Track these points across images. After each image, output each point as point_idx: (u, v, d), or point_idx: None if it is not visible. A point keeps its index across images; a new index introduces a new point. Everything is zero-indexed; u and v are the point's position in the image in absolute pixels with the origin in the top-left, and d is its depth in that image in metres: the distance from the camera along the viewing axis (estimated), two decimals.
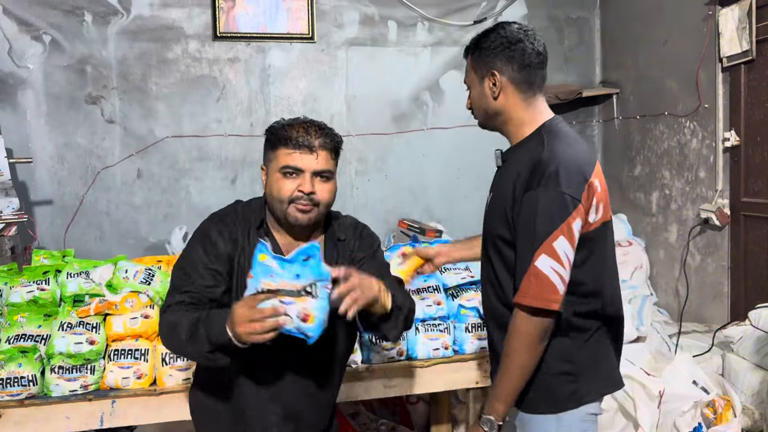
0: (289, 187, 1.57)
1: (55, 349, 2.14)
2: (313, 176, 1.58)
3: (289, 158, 1.57)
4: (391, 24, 3.98)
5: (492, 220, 1.66)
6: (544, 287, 1.48)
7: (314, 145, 1.58)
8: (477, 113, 1.71)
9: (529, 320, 1.50)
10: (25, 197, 3.53)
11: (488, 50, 1.63)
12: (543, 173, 1.51)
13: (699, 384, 2.56)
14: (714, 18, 3.12)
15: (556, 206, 1.49)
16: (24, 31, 3.52)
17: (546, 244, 1.48)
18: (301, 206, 1.57)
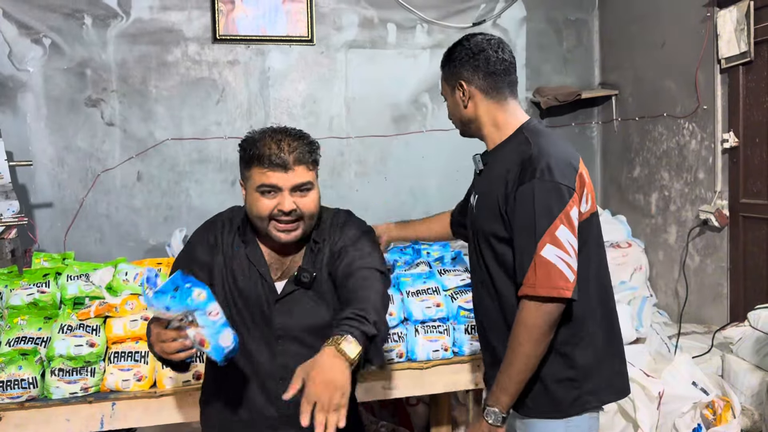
0: (267, 205, 1.53)
1: (56, 351, 2.14)
2: (292, 192, 1.53)
3: (264, 177, 1.52)
4: (390, 26, 3.99)
5: (481, 220, 1.68)
6: (553, 276, 1.49)
7: (288, 161, 1.51)
8: (454, 122, 1.79)
9: (538, 311, 1.51)
10: (25, 200, 3.54)
11: (455, 62, 1.71)
12: (535, 167, 1.54)
13: (698, 385, 2.56)
14: (712, 20, 3.13)
15: (553, 196, 1.52)
16: (24, 34, 3.53)
17: (548, 233, 1.50)
18: (282, 226, 1.54)
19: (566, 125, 4.23)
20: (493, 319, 1.69)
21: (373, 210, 4.00)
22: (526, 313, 1.52)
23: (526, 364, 1.55)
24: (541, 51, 4.20)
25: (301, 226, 1.57)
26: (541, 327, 1.52)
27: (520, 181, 1.55)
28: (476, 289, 1.77)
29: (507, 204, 1.58)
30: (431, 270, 2.64)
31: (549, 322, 1.52)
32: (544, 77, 4.19)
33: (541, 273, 1.49)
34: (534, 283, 1.50)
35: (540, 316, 1.51)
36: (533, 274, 1.51)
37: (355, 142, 3.99)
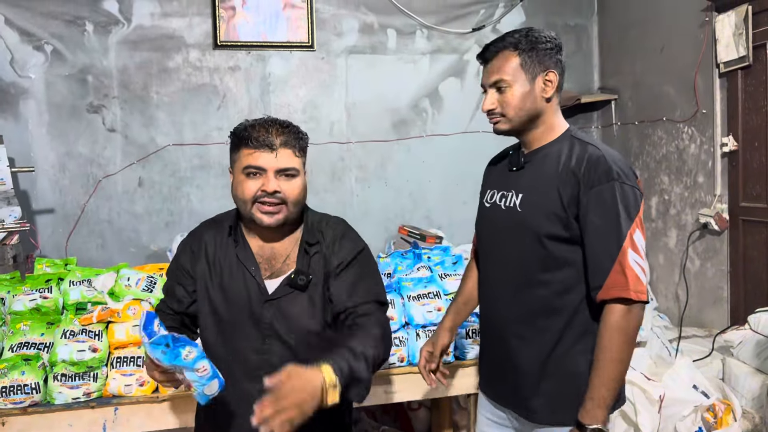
0: (251, 187, 1.55)
1: (58, 356, 2.16)
2: (276, 174, 1.55)
3: (250, 158, 1.54)
4: (390, 32, 4.01)
5: (532, 220, 1.61)
6: (635, 280, 1.49)
7: (275, 143, 1.54)
8: (515, 114, 1.64)
9: (631, 314, 1.50)
10: (27, 206, 3.55)
11: (544, 50, 1.65)
12: (609, 169, 1.53)
13: (699, 388, 2.56)
14: (710, 24, 3.14)
15: (631, 200, 1.52)
16: (26, 41, 3.55)
17: (629, 238, 1.50)
18: (266, 208, 1.55)
19: None
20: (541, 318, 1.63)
21: (374, 215, 4.02)
22: (618, 317, 1.49)
23: (622, 371, 1.52)
24: None
25: (283, 210, 1.57)
26: (635, 330, 1.51)
27: (595, 182, 1.53)
28: (514, 291, 1.67)
29: (577, 204, 1.54)
30: (432, 274, 2.65)
31: (638, 325, 1.51)
32: None
33: (629, 277, 1.48)
34: (624, 286, 1.48)
35: (633, 319, 1.50)
36: (622, 278, 1.49)
37: (355, 147, 4.00)
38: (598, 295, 1.53)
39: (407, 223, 3.91)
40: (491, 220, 1.75)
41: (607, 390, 1.50)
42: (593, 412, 1.50)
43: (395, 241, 3.78)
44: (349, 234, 1.72)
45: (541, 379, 1.64)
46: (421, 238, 3.46)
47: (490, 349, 1.79)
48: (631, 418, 2.57)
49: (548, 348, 1.63)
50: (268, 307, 1.61)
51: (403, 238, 3.63)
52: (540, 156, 1.66)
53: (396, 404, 3.19)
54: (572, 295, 1.60)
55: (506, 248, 1.69)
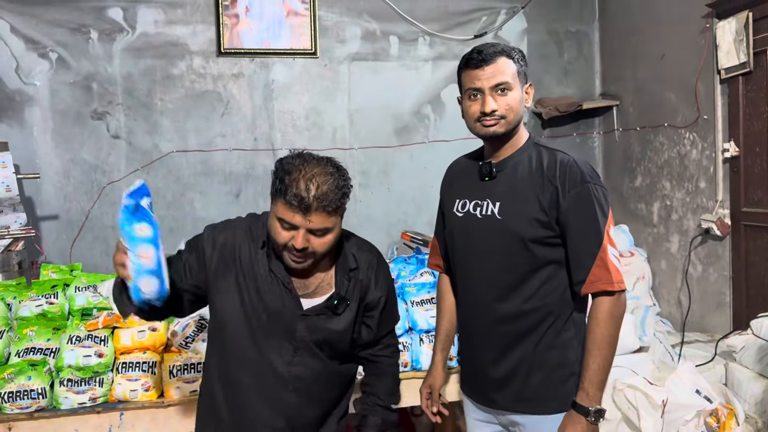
0: (284, 236, 1.53)
1: (64, 362, 2.17)
2: (307, 232, 1.53)
3: (284, 213, 1.51)
4: (393, 39, 4.03)
5: (515, 226, 1.68)
6: (616, 272, 1.62)
7: (311, 207, 1.50)
8: (514, 116, 1.70)
9: (618, 302, 1.63)
10: (32, 212, 3.57)
11: (525, 63, 1.74)
12: (580, 173, 1.64)
13: (702, 393, 2.57)
14: (711, 31, 3.16)
15: (603, 199, 1.65)
16: (31, 48, 3.58)
17: (606, 234, 1.63)
18: (294, 257, 1.55)
19: (568, 135, 4.26)
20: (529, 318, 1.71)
21: (376, 221, 4.03)
22: (609, 307, 1.62)
23: (612, 355, 1.64)
24: (542, 62, 4.23)
25: (310, 258, 1.57)
26: (622, 315, 1.64)
27: (571, 186, 1.63)
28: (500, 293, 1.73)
29: (557, 208, 1.64)
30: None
31: (624, 311, 1.65)
32: (545, 88, 4.22)
33: (611, 270, 1.61)
34: (610, 279, 1.61)
35: (620, 307, 1.63)
36: (605, 272, 1.61)
37: (358, 153, 4.02)
38: (583, 288, 1.64)
39: (410, 228, 3.93)
40: (467, 228, 1.79)
41: (604, 373, 1.62)
42: (594, 395, 1.61)
43: (398, 247, 3.80)
44: (382, 265, 1.78)
45: (529, 373, 1.72)
46: (423, 244, 3.47)
47: (474, 353, 1.84)
48: (635, 423, 2.57)
49: (533, 343, 1.71)
50: (302, 320, 1.63)
51: (406, 243, 3.65)
52: (511, 165, 1.74)
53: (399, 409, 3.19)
54: (555, 292, 1.70)
55: (487, 254, 1.74)
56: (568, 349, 1.71)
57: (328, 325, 1.65)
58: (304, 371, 1.64)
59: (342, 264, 1.69)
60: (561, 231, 1.66)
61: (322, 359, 1.66)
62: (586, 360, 1.63)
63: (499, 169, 1.74)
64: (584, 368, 1.63)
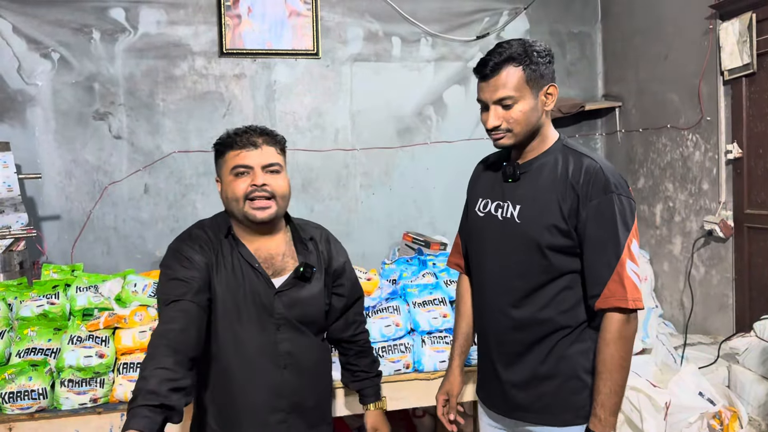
0: (241, 186, 1.67)
1: (65, 362, 2.16)
2: (263, 170, 1.68)
3: (237, 158, 1.68)
4: (395, 40, 4.03)
5: (533, 232, 1.63)
6: (633, 289, 1.55)
7: (258, 142, 1.69)
8: (522, 129, 1.63)
9: (630, 322, 1.55)
10: (34, 212, 3.57)
11: (544, 64, 1.62)
12: (606, 181, 1.57)
13: (705, 395, 2.56)
14: (714, 32, 3.16)
15: (628, 211, 1.57)
16: (33, 48, 3.58)
17: (626, 248, 1.55)
18: (257, 203, 1.67)
19: (570, 137, 4.24)
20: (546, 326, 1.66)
21: (378, 222, 4.02)
22: (619, 326, 1.54)
23: (626, 377, 1.56)
24: None
25: (273, 205, 1.69)
26: (634, 336, 1.56)
27: (594, 195, 1.57)
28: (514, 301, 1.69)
29: (577, 216, 1.58)
30: (437, 280, 2.66)
31: (636, 331, 1.57)
32: None
33: (627, 286, 1.54)
34: (624, 296, 1.53)
35: (632, 327, 1.55)
36: (621, 287, 1.54)
37: (360, 154, 4.02)
38: (597, 303, 1.57)
39: (412, 229, 3.92)
40: (486, 229, 1.75)
41: (617, 397, 1.55)
42: (607, 420, 1.55)
43: (400, 248, 3.79)
44: (333, 237, 1.93)
45: (540, 382, 1.67)
46: (425, 245, 3.47)
47: (488, 357, 1.80)
48: (637, 425, 2.56)
49: (545, 352, 1.66)
50: (278, 298, 1.72)
51: (408, 244, 3.64)
52: (535, 167, 1.68)
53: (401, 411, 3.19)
54: (571, 303, 1.64)
55: (504, 257, 1.70)
56: (582, 360, 1.65)
57: (302, 296, 1.75)
58: (291, 347, 1.73)
59: (297, 236, 1.82)
60: (579, 240, 1.59)
61: (305, 333, 1.77)
62: (597, 384, 1.56)
63: (522, 171, 1.69)
64: (596, 392, 1.56)
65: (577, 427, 1.63)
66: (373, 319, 2.41)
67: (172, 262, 1.69)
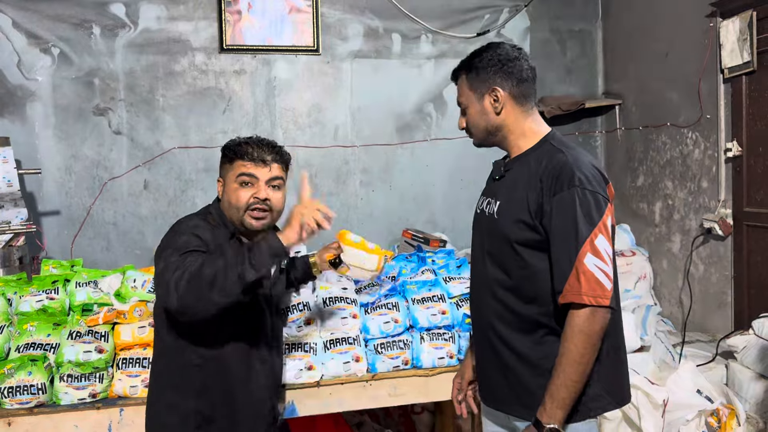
0: (244, 196, 1.78)
1: (64, 357, 2.16)
2: (266, 184, 1.80)
3: (245, 168, 1.78)
4: (395, 36, 4.03)
5: (506, 227, 1.66)
6: (593, 284, 1.52)
7: (268, 160, 1.80)
8: (476, 131, 1.76)
9: (594, 317, 1.52)
10: (33, 208, 3.57)
11: (485, 69, 1.71)
12: (571, 176, 1.57)
13: (703, 393, 2.56)
14: (715, 30, 3.15)
15: (592, 205, 1.55)
16: (33, 44, 3.57)
17: (588, 242, 1.53)
18: (256, 214, 1.78)
19: (570, 134, 4.25)
20: (521, 323, 1.67)
21: (378, 218, 4.03)
22: (582, 320, 1.52)
23: (583, 373, 1.54)
24: (544, 61, 4.22)
25: (268, 217, 1.82)
26: (598, 333, 1.53)
27: (557, 189, 1.57)
28: (491, 298, 1.72)
29: (542, 211, 1.59)
30: (436, 277, 2.66)
31: (604, 328, 1.54)
32: (547, 87, 4.22)
33: (583, 281, 1.52)
34: (578, 290, 1.52)
35: (597, 322, 1.52)
36: (576, 282, 1.52)
37: (359, 151, 4.02)
38: (560, 298, 1.56)
39: (411, 226, 3.93)
40: (478, 226, 1.82)
41: (567, 391, 1.54)
42: (552, 412, 1.54)
43: (399, 245, 3.79)
44: None
45: (524, 377, 1.67)
46: (425, 242, 3.47)
47: (479, 351, 1.83)
48: (635, 422, 2.57)
49: (528, 347, 1.67)
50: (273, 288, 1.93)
51: (407, 241, 3.64)
52: (518, 164, 1.71)
53: (400, 408, 3.20)
54: (546, 300, 1.64)
55: (488, 254, 1.74)
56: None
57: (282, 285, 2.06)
58: (277, 330, 1.99)
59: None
60: (546, 237, 1.60)
61: (282, 318, 2.08)
62: (552, 375, 1.56)
63: (507, 167, 1.74)
64: (549, 382, 1.56)
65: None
66: (372, 315, 2.42)
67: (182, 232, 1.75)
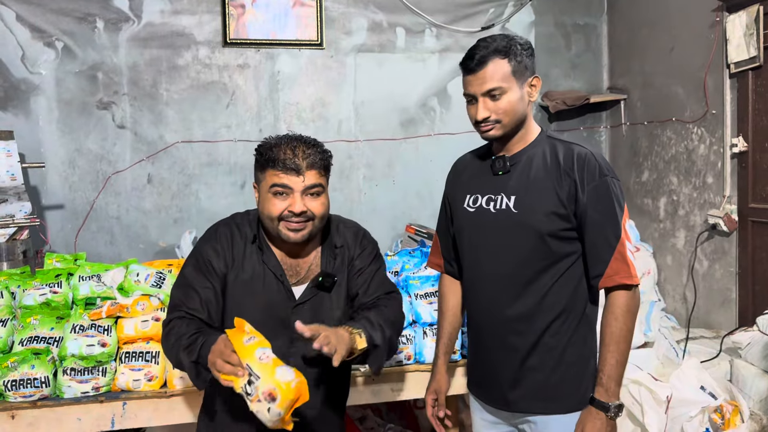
0: (278, 207, 1.60)
1: (68, 351, 2.17)
2: (302, 194, 1.60)
3: (276, 179, 1.59)
4: (399, 30, 4.01)
5: (531, 220, 1.67)
6: (633, 266, 1.63)
7: (301, 166, 1.59)
8: (510, 120, 1.68)
9: (635, 297, 1.64)
10: (37, 201, 3.57)
11: (528, 56, 1.69)
12: (599, 167, 1.65)
13: (707, 389, 2.56)
14: (721, 24, 3.13)
15: (619, 193, 1.66)
16: (37, 37, 3.57)
17: (623, 228, 1.63)
18: (293, 225, 1.60)
19: (575, 129, 4.24)
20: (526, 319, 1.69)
21: (381, 213, 4.02)
22: (626, 300, 1.62)
23: (629, 350, 1.64)
24: (549, 55, 4.20)
25: (309, 226, 1.63)
26: (637, 311, 1.65)
27: (590, 179, 1.63)
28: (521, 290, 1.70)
29: (576, 201, 1.64)
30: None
31: (639, 307, 1.66)
32: (552, 81, 4.20)
33: (630, 263, 1.62)
34: (629, 273, 1.61)
35: (636, 301, 1.64)
36: (624, 265, 1.61)
37: (363, 145, 4.01)
38: (600, 282, 1.65)
39: (415, 221, 3.92)
40: (478, 224, 1.77)
41: (622, 368, 1.62)
42: (613, 389, 1.61)
43: (402, 240, 3.78)
44: (366, 233, 1.83)
45: (545, 372, 1.70)
46: (428, 237, 3.46)
47: (486, 353, 1.80)
48: (638, 419, 2.56)
49: (549, 341, 1.69)
50: (296, 312, 1.66)
51: (411, 236, 3.64)
52: (525, 159, 1.72)
53: (402, 402, 3.20)
54: (568, 288, 1.69)
55: (501, 249, 1.72)
56: (583, 346, 1.71)
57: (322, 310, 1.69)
58: (300, 361, 1.65)
59: (329, 243, 1.74)
60: (578, 224, 1.65)
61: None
62: (604, 355, 1.62)
63: (512, 162, 1.73)
64: (602, 363, 1.62)
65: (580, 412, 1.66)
66: None
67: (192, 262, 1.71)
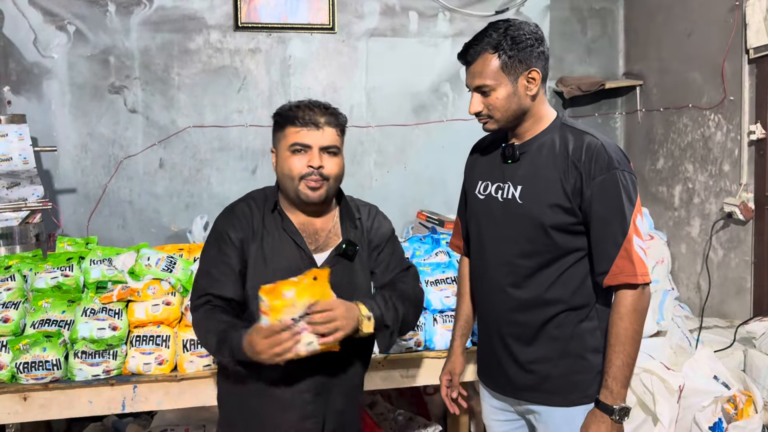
0: (298, 164, 1.64)
1: (79, 334, 2.18)
2: (320, 151, 1.65)
3: (297, 136, 1.64)
4: (412, 15, 3.97)
5: (535, 211, 1.62)
6: (641, 264, 1.55)
7: (320, 122, 1.65)
8: (502, 116, 1.63)
9: (643, 296, 1.56)
10: (50, 185, 3.59)
11: (524, 48, 1.59)
12: (609, 158, 1.57)
13: (720, 379, 2.53)
14: (741, 9, 3.07)
15: (631, 187, 1.58)
16: (49, 21, 3.57)
17: (632, 224, 1.56)
18: (312, 183, 1.64)
19: (589, 115, 4.19)
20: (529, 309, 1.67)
21: (392, 199, 4.00)
22: (632, 300, 1.55)
23: (637, 351, 1.58)
24: (564, 40, 4.15)
25: (325, 186, 1.66)
26: (646, 311, 1.57)
27: (597, 172, 1.56)
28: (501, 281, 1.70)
29: (581, 195, 1.57)
30: (450, 259, 2.64)
31: (649, 304, 1.58)
32: (567, 67, 4.14)
33: (636, 261, 1.55)
34: (633, 271, 1.54)
35: (644, 301, 1.57)
36: (629, 263, 1.54)
37: (375, 131, 3.98)
38: (605, 280, 1.58)
39: (426, 208, 3.89)
40: (487, 211, 1.75)
41: (629, 369, 1.56)
42: (618, 392, 1.55)
43: (413, 226, 3.77)
44: (381, 212, 1.87)
45: (548, 363, 1.67)
46: (439, 224, 3.45)
47: (491, 340, 1.79)
48: (650, 408, 2.55)
49: (552, 333, 1.66)
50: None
51: (422, 223, 3.62)
52: (535, 147, 1.67)
53: (412, 388, 3.20)
54: (576, 282, 1.64)
55: (506, 239, 1.69)
56: (589, 340, 1.65)
57: (343, 279, 1.69)
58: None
59: (346, 212, 1.78)
60: (584, 219, 1.59)
61: None
62: (609, 356, 1.56)
63: (522, 151, 1.68)
64: (608, 365, 1.56)
65: (584, 406, 1.63)
66: None
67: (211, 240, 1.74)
